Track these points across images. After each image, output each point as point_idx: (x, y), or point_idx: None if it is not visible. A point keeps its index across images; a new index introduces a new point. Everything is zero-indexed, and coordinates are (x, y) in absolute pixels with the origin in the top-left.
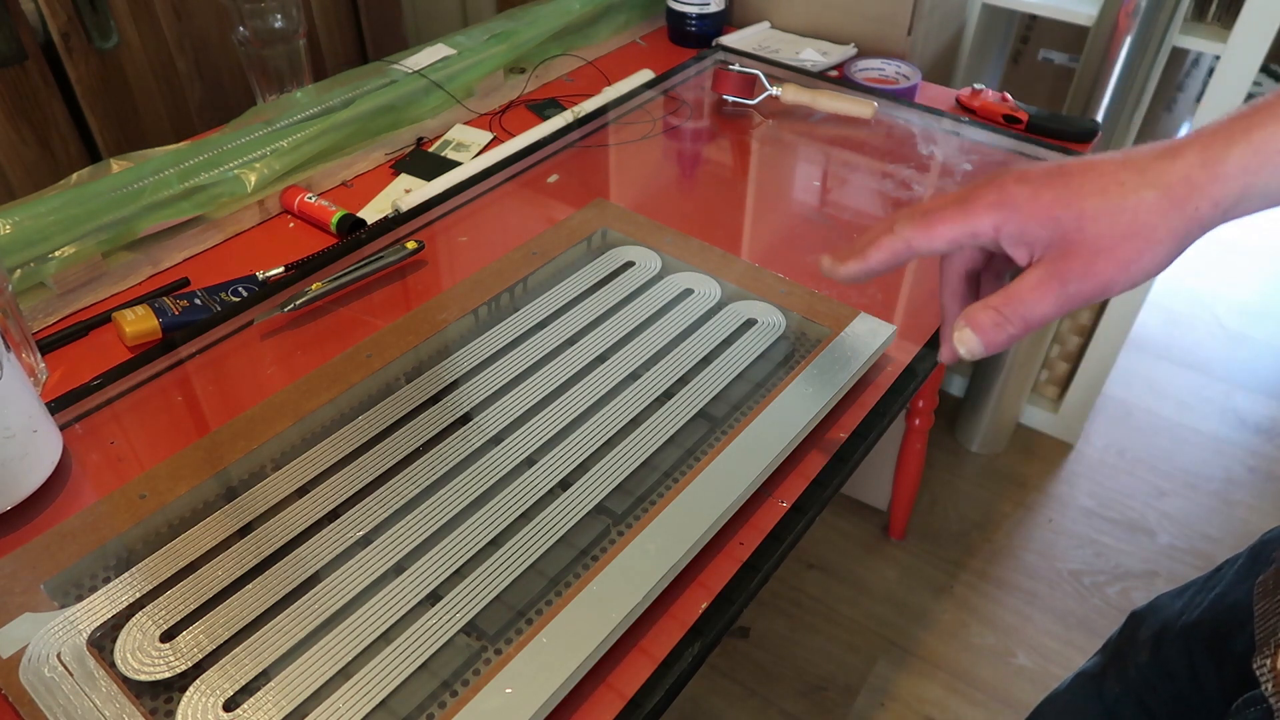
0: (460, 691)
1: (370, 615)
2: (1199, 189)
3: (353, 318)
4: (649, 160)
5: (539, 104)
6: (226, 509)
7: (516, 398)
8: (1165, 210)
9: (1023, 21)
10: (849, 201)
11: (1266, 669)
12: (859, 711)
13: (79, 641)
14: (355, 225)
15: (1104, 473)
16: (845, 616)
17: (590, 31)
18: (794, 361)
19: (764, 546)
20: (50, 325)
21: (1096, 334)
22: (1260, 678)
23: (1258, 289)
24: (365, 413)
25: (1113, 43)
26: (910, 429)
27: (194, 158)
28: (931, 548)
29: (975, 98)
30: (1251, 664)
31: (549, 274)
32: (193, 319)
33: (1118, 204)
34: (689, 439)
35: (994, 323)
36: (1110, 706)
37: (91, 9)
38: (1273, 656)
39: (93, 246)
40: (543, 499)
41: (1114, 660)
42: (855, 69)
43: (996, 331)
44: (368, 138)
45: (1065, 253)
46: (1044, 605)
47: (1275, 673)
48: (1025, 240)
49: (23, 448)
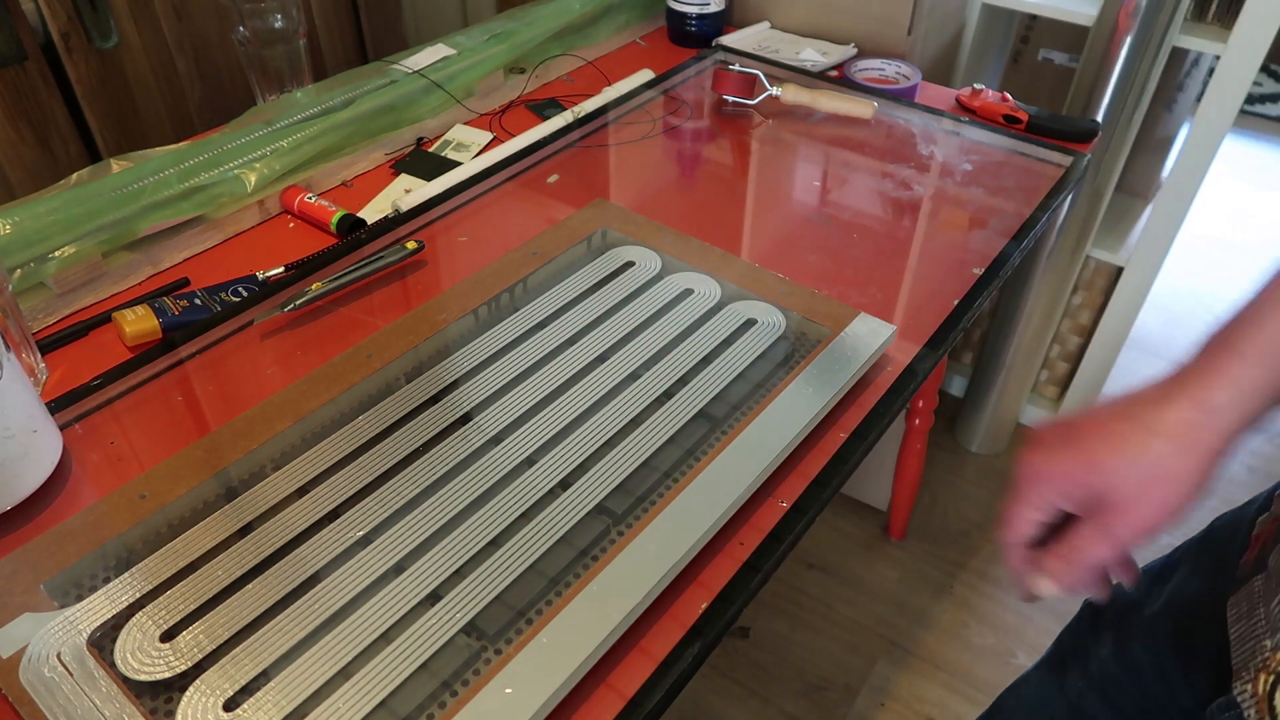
0: (460, 691)
1: (370, 615)
2: (1199, 428)
3: (353, 318)
4: (649, 160)
5: (539, 104)
6: (226, 509)
7: (516, 398)
8: (1176, 455)
9: (1023, 21)
10: (849, 201)
11: (1248, 694)
12: (859, 711)
13: (79, 641)
14: (355, 225)
15: None
16: (845, 616)
17: (590, 31)
18: (794, 361)
19: (764, 546)
20: (50, 325)
21: (1096, 334)
22: (1242, 703)
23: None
24: (365, 413)
25: (1113, 43)
26: (910, 429)
27: (194, 158)
28: (931, 548)
29: (975, 98)
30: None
31: (549, 274)
32: (193, 319)
33: (1133, 459)
34: (689, 439)
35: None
36: (1074, 701)
37: (91, 9)
38: (1253, 681)
39: (93, 246)
40: (543, 499)
41: (1074, 653)
42: (855, 69)
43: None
44: (368, 138)
45: (1104, 507)
46: (1044, 605)
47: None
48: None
49: (23, 448)
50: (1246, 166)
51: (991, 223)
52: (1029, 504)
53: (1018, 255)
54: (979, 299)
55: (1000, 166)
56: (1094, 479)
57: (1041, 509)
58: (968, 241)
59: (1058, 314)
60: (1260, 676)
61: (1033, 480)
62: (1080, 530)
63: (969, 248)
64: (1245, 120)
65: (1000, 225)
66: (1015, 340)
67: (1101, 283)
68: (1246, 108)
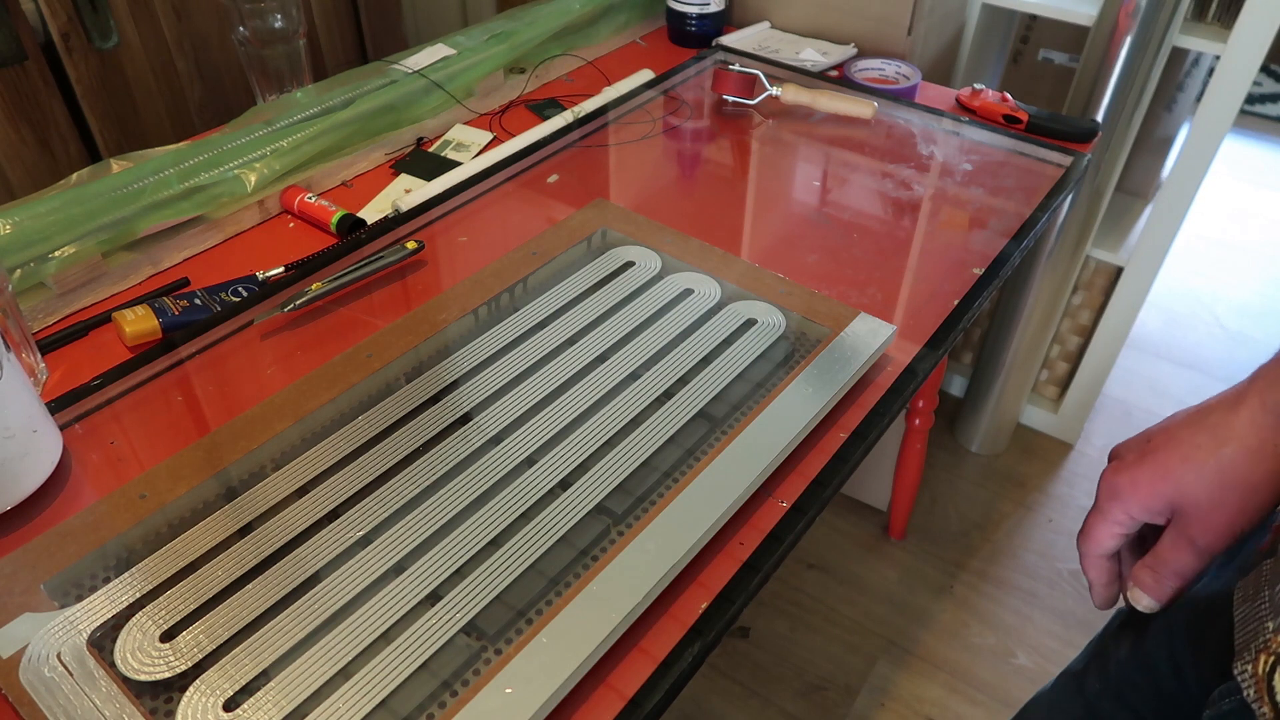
0: (460, 691)
1: (370, 615)
2: (1269, 431)
3: (353, 318)
4: (649, 160)
5: (539, 104)
6: (226, 509)
7: (516, 398)
8: (1248, 460)
9: (1023, 21)
10: (849, 201)
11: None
12: (859, 711)
13: (79, 641)
14: (355, 225)
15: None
16: (845, 616)
17: (590, 31)
18: (794, 361)
19: (764, 546)
20: (50, 325)
21: (1096, 334)
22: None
23: (1258, 289)
24: (365, 413)
25: (1113, 43)
26: (910, 429)
27: (194, 158)
28: (931, 548)
29: (975, 98)
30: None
31: (549, 274)
32: (193, 319)
33: (1205, 467)
34: (689, 439)
35: (1154, 580)
36: (1091, 703)
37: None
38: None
39: (93, 246)
40: (543, 499)
41: (1096, 657)
42: (855, 69)
43: (1158, 588)
44: (368, 138)
45: (1184, 517)
46: (1044, 605)
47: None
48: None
49: (23, 448)
50: (1246, 166)
51: (991, 223)
52: (1110, 519)
53: (1018, 255)
54: (979, 299)
55: (1000, 166)
56: (1169, 490)
57: (1122, 524)
58: (968, 241)
59: (1058, 314)
60: (1261, 657)
61: (1112, 496)
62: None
63: (969, 248)
64: (1245, 120)
65: (1000, 225)
66: (1015, 340)
67: (1101, 283)
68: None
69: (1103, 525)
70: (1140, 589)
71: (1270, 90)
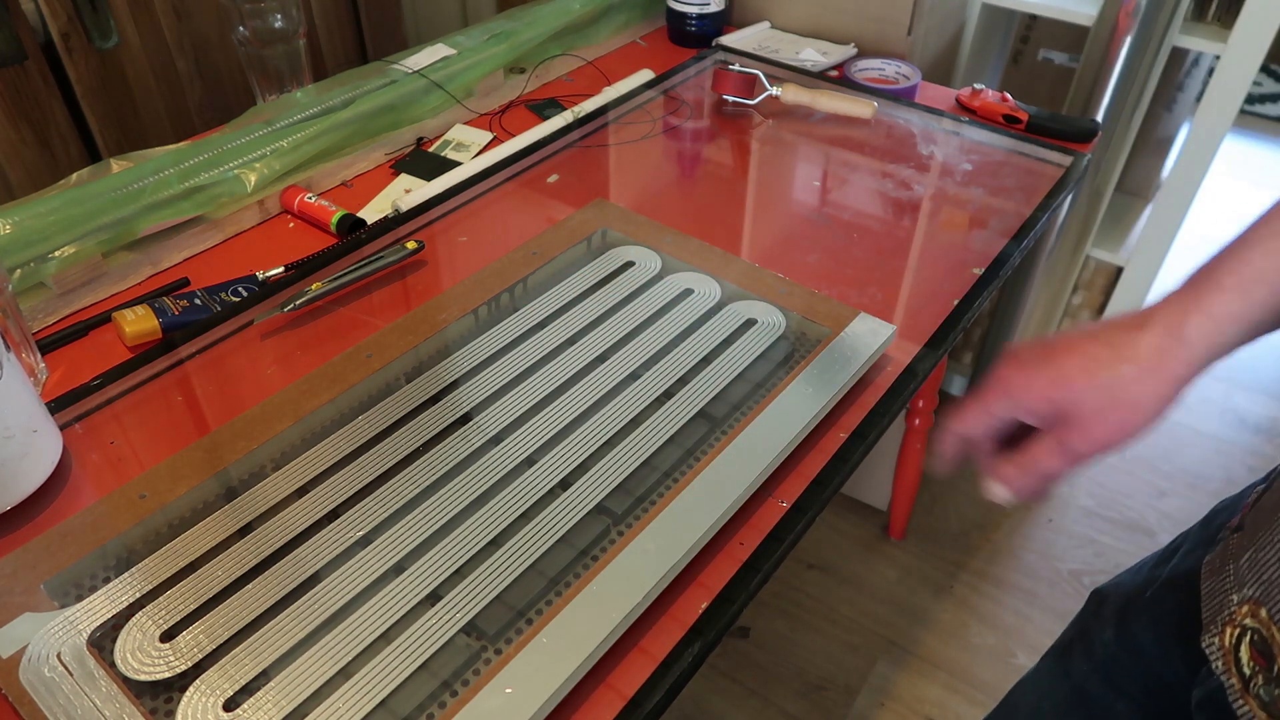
0: (460, 691)
1: (370, 615)
2: (1169, 355)
3: (353, 318)
4: (649, 160)
5: (539, 104)
6: (226, 509)
7: (516, 398)
8: (1143, 379)
9: (1023, 21)
10: (849, 201)
11: (1215, 646)
12: (859, 711)
13: (79, 641)
14: (355, 225)
15: (1104, 472)
16: (845, 616)
17: (590, 31)
18: (794, 361)
19: (764, 546)
20: (50, 325)
21: None
22: (1210, 656)
23: None
24: (365, 413)
25: (1113, 43)
26: (910, 429)
27: (194, 158)
28: (931, 548)
29: (975, 98)
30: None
31: (549, 274)
32: (193, 319)
33: (1101, 380)
34: (689, 439)
35: (1015, 477)
36: (1078, 684)
37: (91, 9)
38: (1220, 634)
39: (93, 246)
40: (543, 499)
41: (1080, 638)
42: (855, 69)
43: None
44: (368, 138)
45: (1066, 424)
46: (1044, 605)
47: (1224, 650)
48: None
49: (23, 448)
50: (1246, 166)
51: (991, 223)
52: (988, 409)
53: (1018, 255)
54: (979, 299)
55: (1000, 166)
56: (1060, 395)
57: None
58: (968, 241)
59: (1058, 314)
60: (1226, 630)
61: (1002, 391)
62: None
63: (969, 248)
64: (1245, 120)
65: (1000, 225)
66: (1015, 340)
67: (1101, 283)
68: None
69: (980, 412)
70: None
71: (1270, 90)
